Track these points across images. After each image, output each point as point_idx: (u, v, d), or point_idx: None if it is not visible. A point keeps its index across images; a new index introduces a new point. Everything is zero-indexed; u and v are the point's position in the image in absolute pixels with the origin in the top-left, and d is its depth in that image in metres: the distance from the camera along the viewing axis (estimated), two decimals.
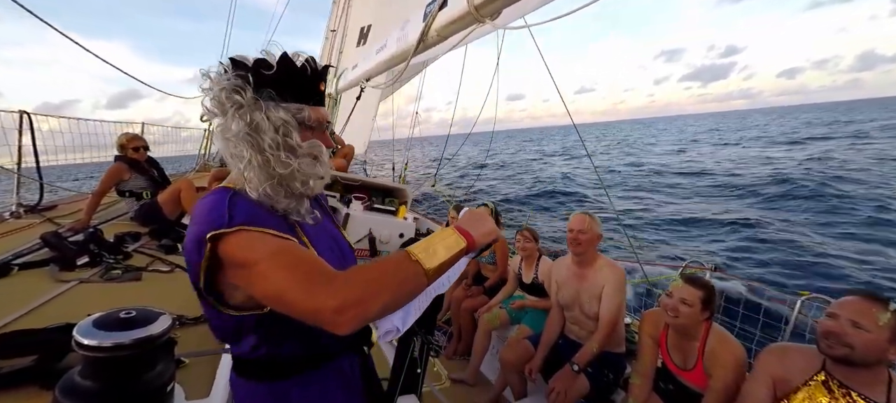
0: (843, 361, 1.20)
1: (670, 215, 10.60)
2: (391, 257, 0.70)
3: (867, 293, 1.22)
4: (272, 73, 0.75)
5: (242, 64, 0.75)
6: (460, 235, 0.74)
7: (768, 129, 46.68)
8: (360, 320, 0.62)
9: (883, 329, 1.13)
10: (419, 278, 0.67)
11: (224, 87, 0.73)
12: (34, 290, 1.74)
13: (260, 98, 0.75)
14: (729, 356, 1.53)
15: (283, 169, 0.75)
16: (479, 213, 0.82)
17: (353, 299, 0.61)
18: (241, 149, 0.75)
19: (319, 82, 0.81)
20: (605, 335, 2.00)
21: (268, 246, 0.68)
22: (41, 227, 2.85)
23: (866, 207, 9.62)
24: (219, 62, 0.77)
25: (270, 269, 0.65)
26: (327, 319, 0.61)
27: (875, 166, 14.94)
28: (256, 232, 0.69)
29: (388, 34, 2.61)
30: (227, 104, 0.74)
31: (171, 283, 2.06)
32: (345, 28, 5.76)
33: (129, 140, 3.20)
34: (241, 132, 0.74)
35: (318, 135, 0.82)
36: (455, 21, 1.58)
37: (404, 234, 4.41)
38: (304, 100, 0.79)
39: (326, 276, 0.65)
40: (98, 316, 0.89)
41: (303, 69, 0.78)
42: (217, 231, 0.68)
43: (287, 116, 0.76)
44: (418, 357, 1.35)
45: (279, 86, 0.76)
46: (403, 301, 0.69)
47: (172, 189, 3.05)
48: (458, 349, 3.08)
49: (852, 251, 7.21)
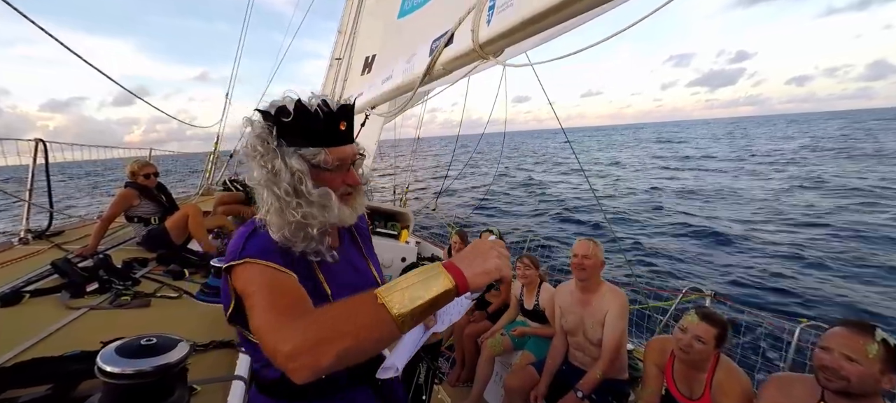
0: (841, 393, 1.21)
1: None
2: (353, 299, 0.62)
3: (853, 323, 1.25)
4: (289, 121, 0.77)
5: (268, 113, 0.79)
6: (448, 274, 0.63)
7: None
8: (312, 369, 0.56)
9: (873, 361, 1.16)
10: (386, 325, 0.58)
11: (255, 135, 0.79)
12: (46, 317, 1.77)
13: (282, 145, 0.78)
14: (736, 387, 1.54)
15: (296, 215, 0.77)
16: (480, 247, 0.69)
17: (306, 346, 0.56)
18: (263, 194, 0.80)
19: (339, 123, 0.82)
20: (608, 360, 2.00)
21: (263, 279, 0.71)
22: (50, 253, 2.88)
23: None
24: (255, 110, 0.82)
25: (256, 303, 0.68)
26: (281, 364, 0.58)
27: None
28: (260, 264, 0.73)
29: (393, 65, 2.72)
30: (253, 152, 0.79)
31: (179, 309, 2.08)
32: (350, 56, 5.96)
33: (141, 167, 3.28)
34: (262, 179, 0.79)
35: (338, 175, 0.84)
36: (460, 57, 1.67)
37: (406, 258, 4.44)
38: (322, 143, 0.80)
39: (293, 316, 0.62)
40: (120, 344, 0.92)
41: (315, 114, 0.78)
42: (230, 263, 0.76)
43: (299, 164, 0.77)
44: (423, 383, 1.36)
45: (296, 133, 0.78)
46: (369, 348, 0.60)
47: (179, 215, 3.10)
48: (461, 376, 3.05)
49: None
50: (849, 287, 6.53)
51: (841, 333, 1.24)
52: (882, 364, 1.16)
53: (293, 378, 0.56)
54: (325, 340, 0.56)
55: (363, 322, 0.59)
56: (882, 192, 13.51)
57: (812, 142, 38.83)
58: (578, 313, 2.18)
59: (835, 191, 14.38)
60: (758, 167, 22.85)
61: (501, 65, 1.78)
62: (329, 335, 0.57)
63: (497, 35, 1.32)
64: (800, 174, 19.02)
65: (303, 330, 0.58)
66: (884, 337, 1.18)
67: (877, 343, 1.17)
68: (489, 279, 0.66)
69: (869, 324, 1.23)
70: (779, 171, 20.51)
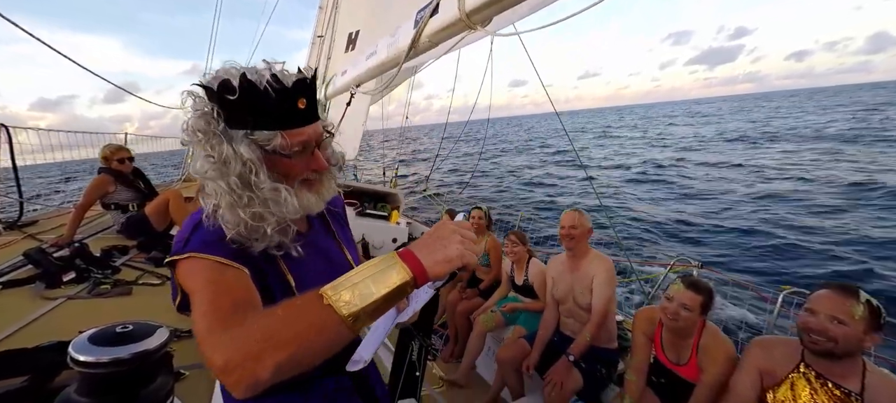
0: (825, 355, 1.25)
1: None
2: (295, 301, 0.55)
3: (839, 286, 1.27)
4: (235, 99, 0.64)
5: (209, 89, 0.66)
6: (404, 265, 0.56)
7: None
8: (248, 384, 0.49)
9: (859, 321, 1.19)
10: (333, 328, 0.52)
11: (197, 116, 0.67)
12: (20, 309, 1.70)
13: (228, 129, 0.66)
14: (721, 352, 1.58)
15: (248, 215, 0.67)
16: (441, 231, 0.61)
17: (239, 358, 0.49)
18: (210, 186, 0.68)
19: (296, 100, 0.68)
20: (597, 324, 2.06)
21: (205, 276, 0.63)
22: (23, 244, 2.77)
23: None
24: (194, 84, 0.68)
25: (195, 305, 0.61)
26: (219, 378, 0.51)
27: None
28: (203, 259, 0.65)
29: (377, 40, 2.61)
30: (194, 136, 0.67)
31: (163, 296, 2.02)
32: (332, 34, 5.75)
33: (113, 152, 3.14)
34: (205, 169, 0.67)
35: (301, 161, 0.72)
36: (446, 27, 1.60)
37: (397, 239, 4.42)
38: (277, 124, 0.67)
39: (229, 324, 0.54)
40: (93, 332, 0.87)
41: (265, 92, 0.64)
42: (173, 256, 0.68)
43: (250, 152, 0.66)
44: (416, 360, 1.36)
45: (245, 113, 0.66)
46: (317, 354, 0.53)
47: (160, 200, 2.99)
48: (454, 351, 3.09)
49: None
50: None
51: (827, 296, 1.26)
52: (866, 325, 1.20)
53: (232, 392, 0.50)
54: (260, 352, 0.49)
55: (305, 327, 0.51)
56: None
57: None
58: (568, 280, 2.23)
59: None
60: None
61: (490, 35, 1.71)
62: (265, 346, 0.50)
63: (484, 3, 1.26)
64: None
65: (237, 341, 0.51)
66: (868, 299, 1.21)
67: (862, 305, 1.20)
68: (451, 267, 0.58)
69: (852, 286, 1.26)
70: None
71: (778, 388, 1.35)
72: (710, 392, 1.54)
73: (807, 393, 1.29)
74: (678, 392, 1.70)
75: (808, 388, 1.29)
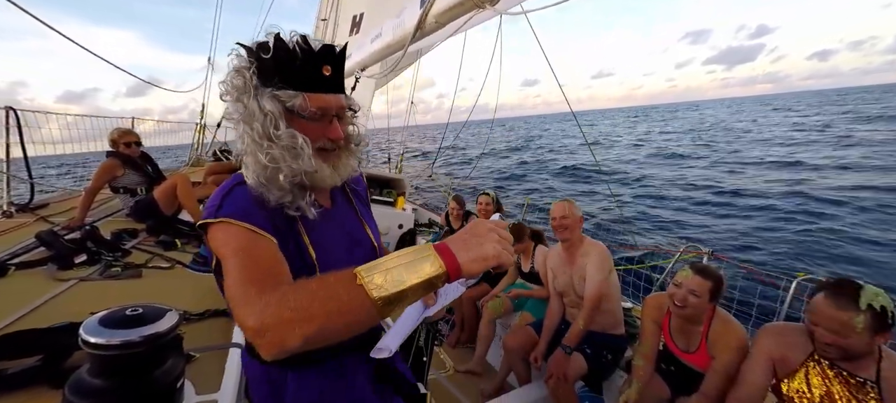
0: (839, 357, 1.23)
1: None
2: (329, 277, 0.56)
3: (835, 289, 1.21)
4: (269, 57, 0.71)
5: (250, 48, 0.73)
6: (439, 258, 0.56)
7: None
8: (278, 348, 0.53)
9: (863, 332, 1.15)
10: (362, 308, 0.54)
11: (234, 71, 0.73)
12: (33, 290, 1.72)
13: (260, 84, 0.72)
14: (732, 339, 1.56)
15: (266, 159, 0.72)
16: (478, 229, 0.61)
17: (271, 324, 0.53)
18: (240, 134, 0.75)
19: (321, 65, 0.73)
20: (589, 311, 2.04)
21: (238, 243, 0.66)
22: (35, 226, 2.80)
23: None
24: (237, 43, 0.76)
25: (229, 269, 0.64)
26: (248, 337, 0.56)
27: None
28: (236, 225, 0.68)
29: (382, 22, 2.56)
30: (231, 89, 0.74)
31: (172, 280, 2.04)
32: (336, 16, 5.66)
33: (121, 135, 3.14)
34: (238, 116, 0.74)
35: (318, 126, 0.75)
36: (454, 7, 1.55)
37: (403, 225, 4.42)
38: (300, 86, 0.72)
39: (263, 289, 0.57)
40: (104, 314, 0.88)
41: (293, 52, 0.71)
42: (205, 220, 0.71)
43: (272, 105, 0.71)
44: (424, 345, 1.36)
45: (275, 72, 0.72)
46: (341, 331, 0.54)
47: (168, 184, 3.00)
48: (460, 337, 3.11)
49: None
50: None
51: (825, 305, 1.21)
52: (871, 332, 1.15)
53: (260, 353, 0.54)
54: (292, 321, 0.52)
55: (336, 304, 0.53)
56: None
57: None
58: (567, 272, 2.22)
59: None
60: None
61: (498, 13, 1.66)
62: (296, 316, 0.52)
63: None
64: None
65: (270, 307, 0.54)
66: (869, 303, 1.15)
67: (863, 314, 1.15)
68: (486, 266, 0.59)
69: (851, 286, 1.19)
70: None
71: (792, 379, 1.33)
72: (721, 379, 1.52)
73: (820, 382, 1.27)
74: (687, 379, 1.70)
75: (821, 377, 1.27)
